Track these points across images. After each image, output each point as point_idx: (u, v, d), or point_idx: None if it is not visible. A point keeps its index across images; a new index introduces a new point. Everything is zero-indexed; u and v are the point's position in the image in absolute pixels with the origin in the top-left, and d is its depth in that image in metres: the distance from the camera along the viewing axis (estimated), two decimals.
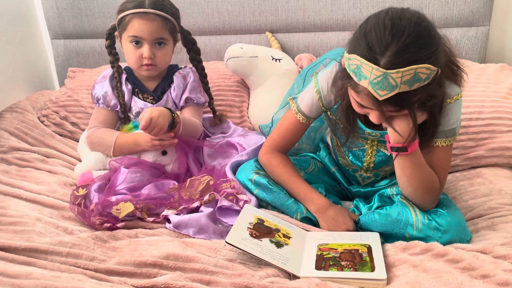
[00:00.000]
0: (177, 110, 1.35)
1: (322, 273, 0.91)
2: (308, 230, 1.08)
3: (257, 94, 1.62)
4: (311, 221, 1.13)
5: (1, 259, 0.88)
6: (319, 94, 1.12)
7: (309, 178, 1.22)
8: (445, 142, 1.03)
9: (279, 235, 1.03)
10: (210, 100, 1.45)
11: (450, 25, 1.67)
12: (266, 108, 1.54)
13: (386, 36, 0.86)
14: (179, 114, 1.25)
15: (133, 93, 1.34)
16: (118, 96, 1.33)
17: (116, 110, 1.33)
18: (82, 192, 1.13)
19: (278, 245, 0.99)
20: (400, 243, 1.00)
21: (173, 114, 1.18)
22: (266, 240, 1.00)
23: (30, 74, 1.87)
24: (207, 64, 1.74)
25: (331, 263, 0.94)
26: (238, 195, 1.14)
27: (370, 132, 1.10)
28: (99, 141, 1.27)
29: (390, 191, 1.15)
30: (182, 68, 1.40)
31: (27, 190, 1.15)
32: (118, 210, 1.08)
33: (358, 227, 1.09)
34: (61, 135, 1.55)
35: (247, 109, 1.63)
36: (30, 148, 1.39)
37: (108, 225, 1.06)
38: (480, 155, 1.36)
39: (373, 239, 1.01)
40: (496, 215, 1.08)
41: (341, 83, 0.99)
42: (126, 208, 1.09)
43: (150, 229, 1.08)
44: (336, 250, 0.98)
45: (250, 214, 1.07)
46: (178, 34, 1.34)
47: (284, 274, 0.93)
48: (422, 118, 0.97)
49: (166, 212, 1.11)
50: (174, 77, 1.36)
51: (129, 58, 1.29)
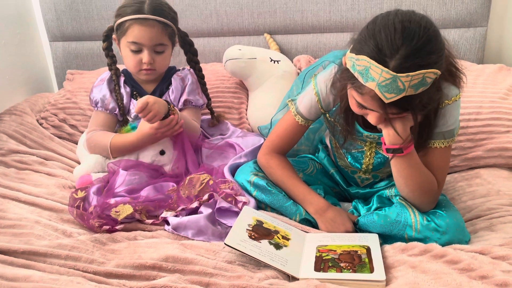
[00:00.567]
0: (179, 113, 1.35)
1: (321, 274, 0.91)
2: (307, 232, 1.08)
3: (255, 95, 1.62)
4: (310, 222, 1.13)
5: (0, 262, 0.87)
6: (318, 96, 1.12)
7: (307, 179, 1.22)
8: (443, 144, 1.03)
9: (278, 237, 1.03)
10: (208, 101, 1.45)
11: (448, 26, 1.68)
12: (265, 109, 1.54)
13: (396, 38, 0.84)
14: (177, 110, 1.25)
15: (131, 96, 1.34)
16: (117, 98, 1.33)
17: (114, 113, 1.33)
18: (81, 194, 1.13)
19: (277, 246, 1.00)
20: (399, 244, 1.00)
21: (169, 105, 1.19)
22: (265, 241, 1.00)
23: (29, 77, 1.87)
24: (206, 65, 1.74)
25: (330, 265, 0.94)
26: (237, 197, 1.14)
27: (368, 134, 1.10)
28: (96, 144, 1.27)
29: (388, 192, 1.15)
30: (180, 70, 1.40)
31: (26, 192, 1.15)
32: (117, 212, 1.08)
33: (357, 229, 1.09)
34: (60, 138, 1.54)
35: (246, 110, 1.63)
36: (29, 150, 1.38)
37: (107, 227, 1.06)
38: (478, 156, 1.36)
39: (372, 241, 1.01)
40: (494, 216, 1.09)
41: (342, 84, 0.99)
42: (125, 210, 1.09)
43: (149, 231, 1.08)
44: (335, 251, 0.98)
45: (249, 215, 1.07)
46: (176, 37, 1.34)
47: (283, 275, 0.93)
48: (418, 119, 0.97)
49: (165, 214, 1.11)
50: (172, 79, 1.36)
51: (128, 62, 1.29)
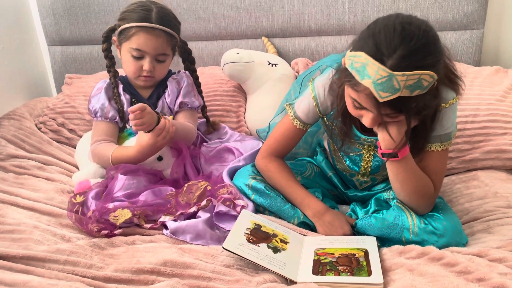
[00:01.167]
0: (171, 115, 1.35)
1: (319, 278, 0.91)
2: (305, 235, 1.08)
3: (253, 98, 1.62)
4: (308, 226, 1.13)
5: None
6: (316, 100, 1.13)
7: (306, 182, 1.22)
8: (440, 147, 1.04)
9: (276, 240, 1.03)
10: (204, 108, 1.45)
11: (445, 28, 1.68)
12: (263, 112, 1.54)
13: (395, 38, 0.86)
14: (170, 119, 1.24)
15: (131, 103, 1.34)
16: (116, 102, 1.33)
17: (115, 120, 1.33)
18: (79, 199, 1.13)
19: (275, 250, 1.00)
20: (396, 247, 1.00)
21: (157, 114, 1.18)
22: (263, 245, 1.00)
23: (27, 81, 1.87)
24: (204, 69, 1.75)
25: (328, 268, 0.94)
26: (235, 201, 1.14)
27: (366, 138, 1.10)
28: (99, 157, 1.27)
29: (386, 195, 1.15)
30: (176, 73, 1.40)
31: (25, 197, 1.15)
32: (116, 217, 1.08)
33: (355, 232, 1.09)
34: (58, 142, 1.54)
35: (244, 113, 1.63)
36: (27, 155, 1.38)
37: (105, 232, 1.06)
38: (475, 158, 1.36)
39: (370, 244, 1.01)
40: (491, 218, 1.09)
41: (339, 82, 0.99)
42: (124, 215, 1.09)
43: (148, 235, 1.08)
44: (333, 254, 0.98)
45: (247, 219, 1.08)
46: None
47: (281, 279, 0.94)
48: (413, 123, 0.97)
49: (163, 218, 1.11)
50: (168, 82, 1.36)
51: (127, 67, 1.29)
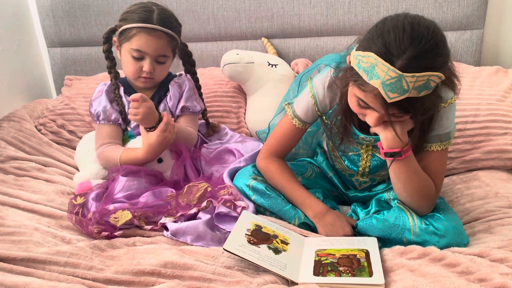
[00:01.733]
0: (172, 118, 1.34)
1: (320, 279, 0.91)
2: (306, 236, 1.08)
3: (254, 99, 1.62)
4: (309, 226, 1.13)
5: None
6: (315, 99, 1.13)
7: (306, 183, 1.22)
8: (439, 147, 1.04)
9: (277, 241, 1.03)
10: (204, 111, 1.45)
11: (445, 28, 1.67)
12: (263, 113, 1.54)
13: (405, 39, 0.85)
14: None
15: None
16: (118, 103, 1.32)
17: (118, 122, 1.32)
18: (80, 200, 1.13)
19: (276, 251, 1.00)
20: (397, 248, 1.00)
21: (160, 116, 1.18)
22: (264, 246, 1.00)
23: (27, 83, 1.87)
24: (204, 70, 1.75)
25: (329, 269, 0.94)
26: (235, 202, 1.13)
27: (364, 137, 1.10)
28: (107, 161, 1.27)
29: (387, 196, 1.15)
30: (177, 76, 1.40)
31: (25, 199, 1.14)
32: (116, 218, 1.08)
33: (356, 232, 1.09)
34: (58, 144, 1.54)
35: (244, 114, 1.63)
36: (27, 157, 1.38)
37: (106, 233, 1.06)
38: (476, 158, 1.36)
39: (371, 244, 1.01)
40: (492, 218, 1.09)
41: (344, 81, 0.99)
42: (124, 216, 1.09)
43: (148, 237, 1.08)
44: (334, 255, 0.98)
45: (248, 220, 1.07)
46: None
47: (282, 280, 0.93)
48: (413, 124, 0.97)
49: (163, 219, 1.11)
50: (169, 86, 1.36)
51: (127, 68, 1.29)
